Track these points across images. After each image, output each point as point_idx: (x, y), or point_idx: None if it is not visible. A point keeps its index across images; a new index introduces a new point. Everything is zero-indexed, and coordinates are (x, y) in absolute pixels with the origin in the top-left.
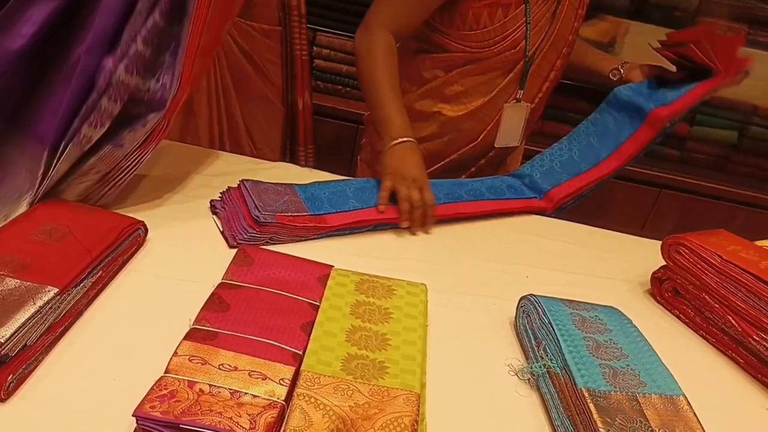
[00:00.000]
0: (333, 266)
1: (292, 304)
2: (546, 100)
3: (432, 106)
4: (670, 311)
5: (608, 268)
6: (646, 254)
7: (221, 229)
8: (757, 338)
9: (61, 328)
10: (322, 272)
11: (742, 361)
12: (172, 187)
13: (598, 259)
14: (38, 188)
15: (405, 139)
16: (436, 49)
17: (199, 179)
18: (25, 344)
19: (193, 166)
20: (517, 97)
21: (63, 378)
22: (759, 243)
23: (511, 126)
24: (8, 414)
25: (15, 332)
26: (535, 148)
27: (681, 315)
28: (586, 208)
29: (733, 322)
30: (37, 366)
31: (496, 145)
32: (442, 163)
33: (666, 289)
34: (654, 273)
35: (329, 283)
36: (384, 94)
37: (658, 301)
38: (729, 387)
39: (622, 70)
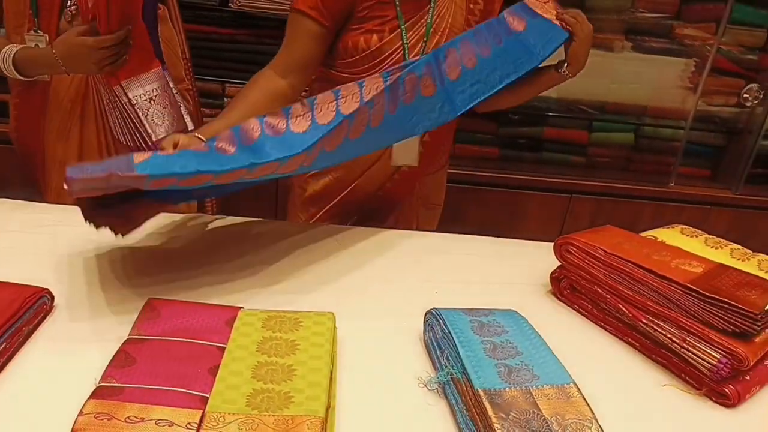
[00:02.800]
0: (242, 308)
1: (199, 349)
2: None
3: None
4: (570, 307)
5: (511, 273)
6: (545, 257)
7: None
8: (645, 321)
9: None
10: (230, 315)
11: (637, 344)
12: (72, 248)
13: (501, 266)
14: None
15: (195, 134)
16: (329, 84)
17: (101, 239)
18: None
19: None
20: None
21: None
22: (645, 233)
23: (405, 145)
24: None
25: None
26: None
27: (580, 309)
28: (501, 222)
29: (623, 309)
30: None
31: (392, 164)
32: (351, 187)
33: (564, 287)
34: (552, 273)
35: (236, 324)
36: (229, 108)
37: (559, 299)
38: (628, 369)
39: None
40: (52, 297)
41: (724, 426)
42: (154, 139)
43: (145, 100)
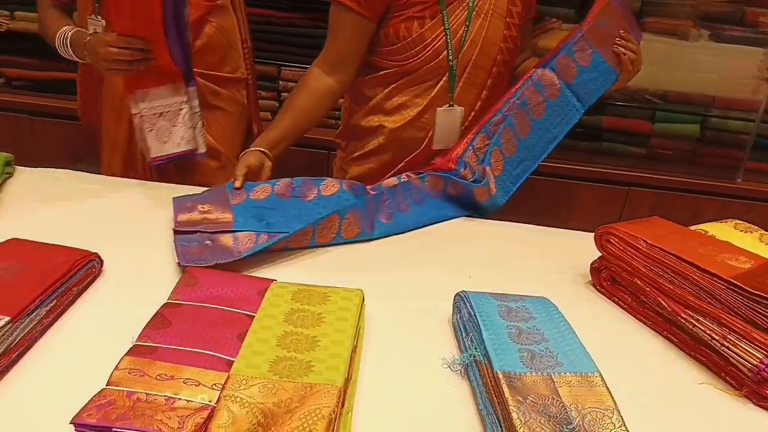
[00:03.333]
0: (275, 280)
1: (230, 316)
2: (491, 107)
3: (375, 121)
4: (609, 299)
5: (551, 262)
6: (588, 247)
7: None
8: (685, 316)
9: (16, 353)
10: (262, 286)
11: (676, 340)
12: (127, 219)
13: (541, 254)
14: None
15: (256, 147)
16: (373, 69)
17: (153, 212)
18: None
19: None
20: (450, 103)
21: (16, 397)
22: (695, 227)
23: (446, 130)
24: None
25: None
26: None
27: (619, 301)
28: (554, 213)
29: (663, 303)
30: None
31: (433, 148)
32: (394, 171)
33: (604, 278)
34: (592, 263)
35: (267, 294)
36: (280, 114)
37: (599, 291)
38: (664, 365)
39: None
40: (102, 261)
41: (763, 430)
42: (152, 155)
43: (154, 114)
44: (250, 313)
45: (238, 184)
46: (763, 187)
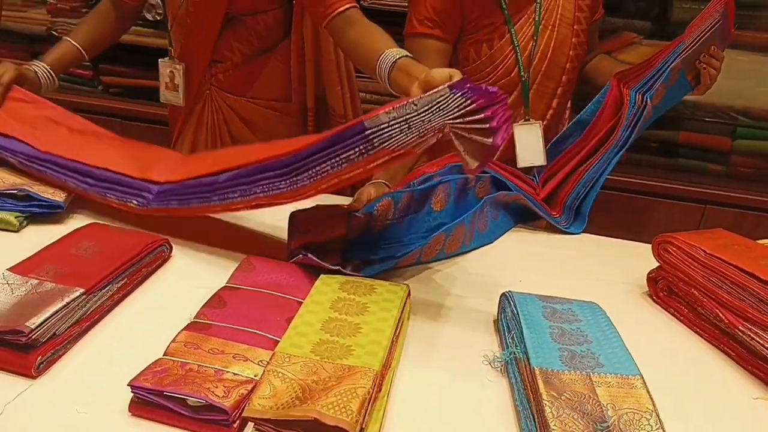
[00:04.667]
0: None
1: (281, 301)
2: (561, 115)
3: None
4: (665, 309)
5: (607, 272)
6: (646, 258)
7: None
8: (743, 329)
9: (88, 323)
10: (314, 276)
11: (733, 353)
12: None
13: (596, 264)
14: None
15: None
16: None
17: None
18: (54, 333)
19: None
20: (525, 117)
21: (85, 362)
22: (762, 240)
23: (528, 144)
24: (37, 389)
25: (44, 321)
26: None
27: (676, 312)
28: (626, 229)
29: (721, 315)
30: (65, 352)
31: (519, 166)
32: None
33: (661, 288)
34: (649, 273)
35: (316, 283)
36: None
37: (655, 301)
38: (718, 378)
39: None
40: (171, 247)
41: None
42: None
43: None
44: (300, 300)
45: None
46: None
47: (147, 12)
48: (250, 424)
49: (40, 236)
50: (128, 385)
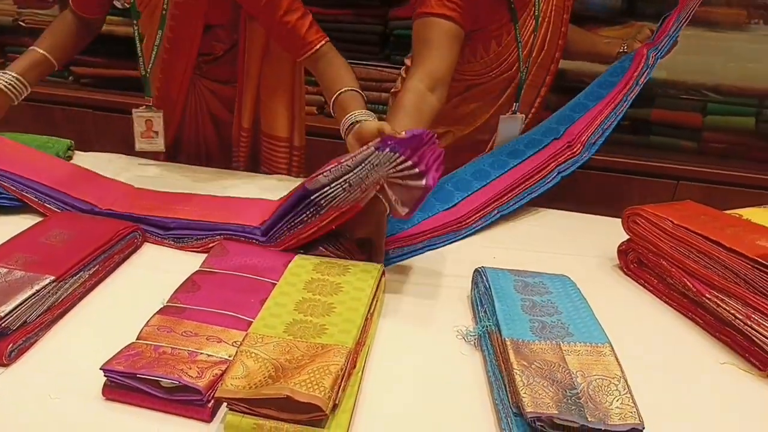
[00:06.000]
0: (300, 253)
1: (255, 284)
2: (542, 105)
3: (441, 129)
4: (635, 281)
5: (579, 246)
6: (617, 232)
7: None
8: (709, 296)
9: (60, 310)
10: (288, 258)
11: (701, 321)
12: None
13: (569, 239)
14: None
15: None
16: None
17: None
18: (25, 321)
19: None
20: (513, 110)
21: (58, 349)
22: (730, 211)
23: (507, 136)
24: (9, 376)
25: (14, 309)
26: None
27: (645, 283)
28: (599, 206)
29: (688, 284)
30: (37, 340)
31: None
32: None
33: (631, 260)
34: (619, 246)
35: (290, 265)
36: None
37: (626, 273)
38: (687, 345)
39: (626, 48)
40: (143, 234)
41: None
42: None
43: None
44: (274, 282)
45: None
46: None
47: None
48: (224, 405)
49: (7, 228)
50: (101, 369)
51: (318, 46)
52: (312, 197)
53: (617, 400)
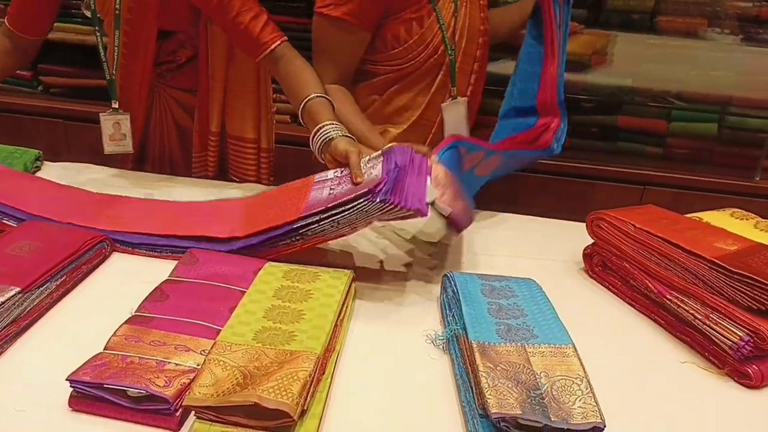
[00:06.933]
0: (269, 261)
1: (225, 292)
2: (479, 92)
3: (380, 126)
4: (601, 284)
5: (546, 250)
6: (583, 236)
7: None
8: (670, 297)
9: (26, 321)
10: (258, 265)
11: (662, 321)
12: None
13: (536, 243)
14: None
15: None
16: (366, 77)
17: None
18: None
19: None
20: (452, 95)
21: (24, 360)
22: (691, 215)
23: (455, 122)
24: None
25: None
26: None
27: (610, 286)
28: (568, 212)
29: (650, 285)
30: (2, 352)
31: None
32: None
33: (596, 263)
34: (584, 249)
35: (260, 273)
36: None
37: (591, 276)
38: (650, 345)
39: None
40: (111, 243)
41: (743, 406)
42: None
43: None
44: (244, 290)
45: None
46: None
47: (86, 9)
48: (192, 413)
49: None
50: (67, 379)
51: (273, 47)
52: (299, 230)
53: (580, 400)
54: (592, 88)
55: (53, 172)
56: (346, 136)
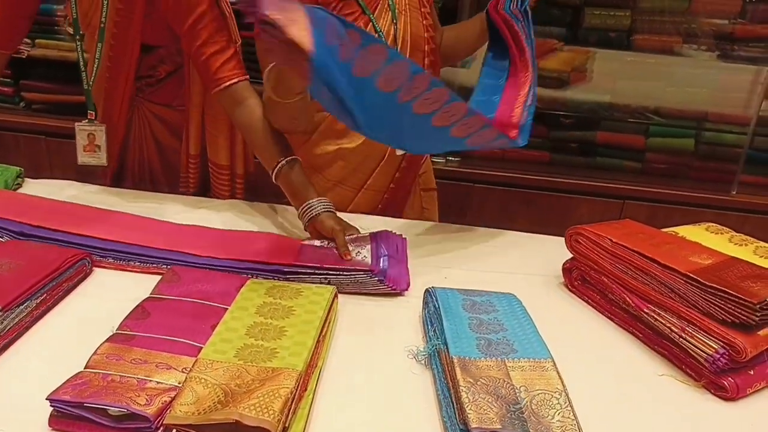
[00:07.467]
0: (251, 278)
1: (207, 309)
2: None
3: (331, 145)
4: (580, 298)
5: (526, 265)
6: (562, 251)
7: None
8: (647, 311)
9: (6, 340)
10: (240, 282)
11: (640, 334)
12: None
13: (517, 258)
14: None
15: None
16: None
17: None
18: None
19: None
20: None
21: (3, 380)
22: (667, 229)
23: None
24: None
25: None
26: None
27: (589, 300)
28: (550, 226)
29: (628, 299)
30: None
31: (397, 154)
32: (364, 187)
33: (575, 277)
34: (564, 264)
35: (242, 289)
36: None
37: (570, 290)
38: (628, 359)
39: None
40: (92, 261)
41: (719, 418)
42: None
43: None
44: (226, 307)
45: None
46: (758, 200)
47: (69, 26)
48: None
49: None
50: (47, 399)
51: (228, 83)
52: (286, 273)
53: (558, 414)
54: (572, 105)
55: (35, 188)
56: (331, 211)
